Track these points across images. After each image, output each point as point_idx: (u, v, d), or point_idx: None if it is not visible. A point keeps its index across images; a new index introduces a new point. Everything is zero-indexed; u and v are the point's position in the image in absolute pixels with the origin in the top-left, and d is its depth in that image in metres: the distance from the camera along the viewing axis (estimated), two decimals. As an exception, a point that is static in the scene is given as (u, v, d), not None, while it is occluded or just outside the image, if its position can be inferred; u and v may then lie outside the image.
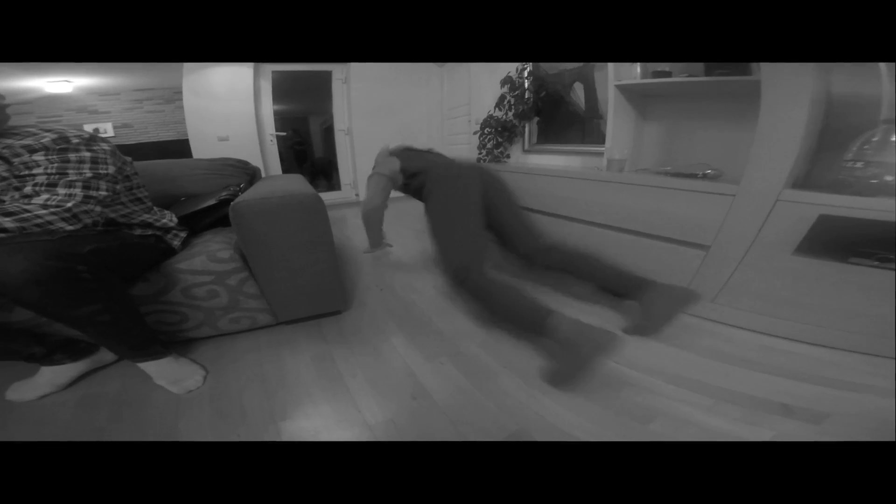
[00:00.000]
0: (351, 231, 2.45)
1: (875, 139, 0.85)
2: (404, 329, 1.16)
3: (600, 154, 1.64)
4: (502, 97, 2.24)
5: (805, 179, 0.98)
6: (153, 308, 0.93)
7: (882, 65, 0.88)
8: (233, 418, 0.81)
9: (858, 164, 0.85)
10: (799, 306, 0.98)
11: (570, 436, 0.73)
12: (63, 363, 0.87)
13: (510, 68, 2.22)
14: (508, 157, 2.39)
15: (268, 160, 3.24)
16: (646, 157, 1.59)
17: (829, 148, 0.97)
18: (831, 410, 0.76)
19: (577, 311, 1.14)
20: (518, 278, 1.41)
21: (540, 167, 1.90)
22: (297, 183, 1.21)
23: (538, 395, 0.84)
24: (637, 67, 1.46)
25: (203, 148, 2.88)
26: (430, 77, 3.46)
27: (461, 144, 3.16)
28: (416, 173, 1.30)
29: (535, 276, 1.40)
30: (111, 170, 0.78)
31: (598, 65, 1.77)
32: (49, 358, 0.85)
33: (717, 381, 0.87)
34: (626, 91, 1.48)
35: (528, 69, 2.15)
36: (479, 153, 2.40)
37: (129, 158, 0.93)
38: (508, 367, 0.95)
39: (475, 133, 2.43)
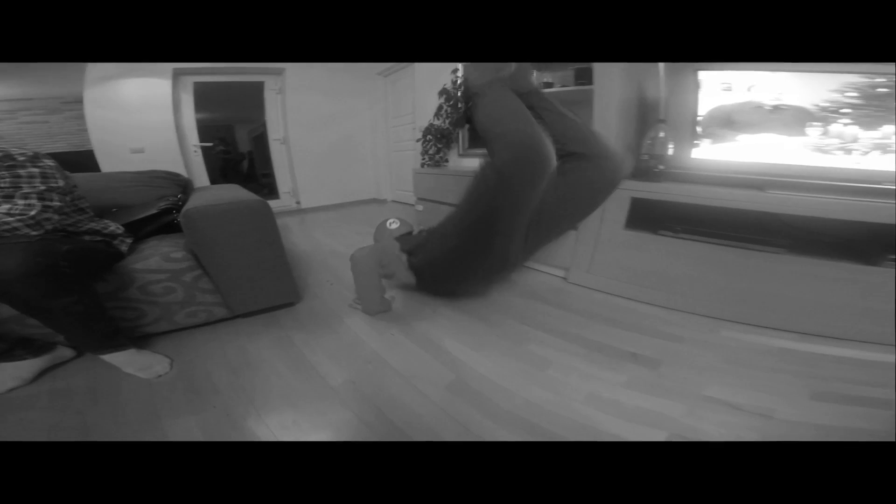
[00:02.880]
0: (296, 238, 2.50)
1: (652, 135, 1.21)
2: (357, 313, 1.30)
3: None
4: (440, 107, 2.53)
5: (635, 170, 1.37)
6: (111, 304, 0.97)
7: (661, 69, 1.18)
8: (206, 393, 0.90)
9: (645, 157, 1.23)
10: (634, 272, 1.30)
11: (491, 381, 0.90)
12: (24, 359, 0.90)
13: (449, 80, 2.48)
14: (447, 161, 2.67)
15: (192, 171, 3.08)
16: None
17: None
18: (662, 358, 0.98)
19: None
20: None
21: (471, 169, 2.18)
22: (239, 191, 1.31)
23: (470, 353, 1.03)
24: (533, 79, 1.71)
25: (113, 160, 2.64)
26: (373, 87, 3.59)
27: (407, 151, 3.37)
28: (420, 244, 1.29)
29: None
30: (61, 183, 0.86)
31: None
32: (9, 353, 0.89)
33: (590, 335, 1.10)
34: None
35: (461, 81, 2.43)
36: (423, 158, 2.65)
37: (68, 173, 0.97)
38: (449, 334, 1.13)
39: (418, 140, 2.67)
